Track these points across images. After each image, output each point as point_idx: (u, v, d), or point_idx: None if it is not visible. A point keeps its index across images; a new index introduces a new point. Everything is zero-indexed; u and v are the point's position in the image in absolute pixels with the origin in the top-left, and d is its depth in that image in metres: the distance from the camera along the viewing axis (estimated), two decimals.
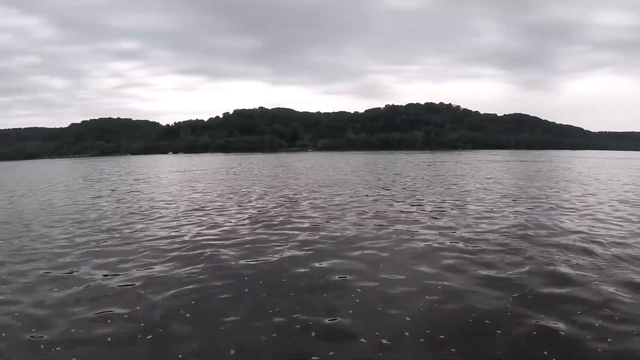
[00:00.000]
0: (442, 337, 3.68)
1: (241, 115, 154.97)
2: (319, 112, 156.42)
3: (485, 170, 27.30)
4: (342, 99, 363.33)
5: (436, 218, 9.12)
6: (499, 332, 3.74)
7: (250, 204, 12.14)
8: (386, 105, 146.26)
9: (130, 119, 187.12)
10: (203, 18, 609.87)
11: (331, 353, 3.44)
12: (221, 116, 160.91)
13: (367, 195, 13.33)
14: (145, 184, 20.69)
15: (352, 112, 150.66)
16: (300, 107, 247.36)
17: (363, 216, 9.50)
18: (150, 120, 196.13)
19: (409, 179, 19.59)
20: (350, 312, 4.21)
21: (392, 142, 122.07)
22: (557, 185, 16.32)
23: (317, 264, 5.78)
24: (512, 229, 7.73)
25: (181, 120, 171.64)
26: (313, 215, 9.83)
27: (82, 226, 9.11)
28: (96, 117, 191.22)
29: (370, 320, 4.00)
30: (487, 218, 9.00)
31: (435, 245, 6.71)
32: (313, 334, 3.79)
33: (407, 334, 3.76)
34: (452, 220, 8.73)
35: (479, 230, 7.78)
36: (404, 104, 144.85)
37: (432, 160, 43.69)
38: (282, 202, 12.32)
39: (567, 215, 9.34)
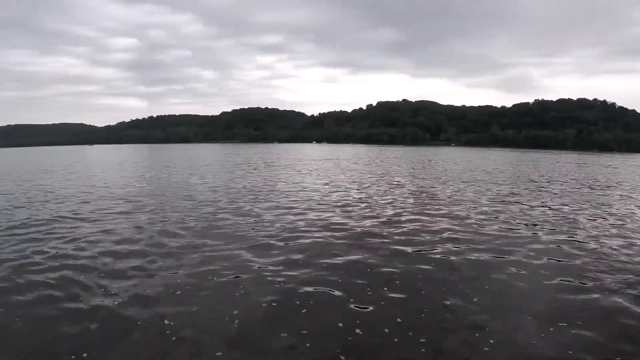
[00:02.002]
0: None
1: (384, 107, 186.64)
2: (463, 106, 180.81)
3: None
4: (488, 93, 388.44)
5: None
6: None
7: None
8: (535, 100, 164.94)
9: (277, 109, 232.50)
10: (345, 11, 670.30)
11: None
12: (364, 108, 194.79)
13: None
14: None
15: (499, 106, 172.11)
16: (443, 100, 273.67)
17: None
18: (296, 110, 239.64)
19: None
20: None
21: (540, 140, 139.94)
22: None
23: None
24: None
25: (325, 111, 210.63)
26: None
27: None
28: (245, 107, 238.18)
29: None
30: None
31: None
32: None
33: None
34: None
35: None
36: (554, 99, 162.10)
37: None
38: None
39: None
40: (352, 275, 7.04)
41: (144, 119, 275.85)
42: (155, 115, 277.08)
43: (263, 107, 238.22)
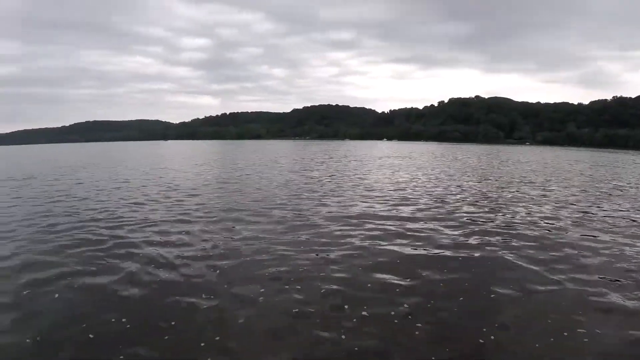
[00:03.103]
0: None
1: (456, 104, 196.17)
2: (538, 103, 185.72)
3: None
4: (564, 89, 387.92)
5: None
6: None
7: None
8: (613, 97, 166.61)
9: (347, 106, 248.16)
10: (414, 5, 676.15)
11: None
12: (436, 104, 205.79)
13: None
14: None
15: (575, 103, 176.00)
16: (517, 97, 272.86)
17: None
18: (367, 107, 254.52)
19: None
20: None
21: (618, 140, 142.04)
22: None
23: None
24: None
25: (396, 107, 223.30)
26: None
27: None
28: (316, 104, 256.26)
29: None
30: None
31: None
32: None
33: None
34: None
35: None
36: (633, 96, 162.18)
37: None
38: None
39: None
40: None
41: (217, 115, 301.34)
42: (228, 113, 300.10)
43: (333, 104, 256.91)
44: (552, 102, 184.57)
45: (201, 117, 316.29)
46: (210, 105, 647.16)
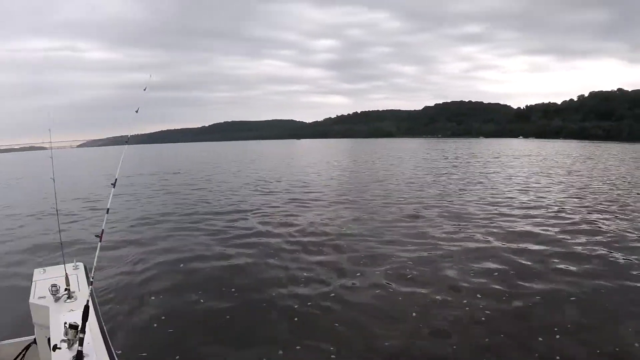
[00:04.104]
0: None
1: (597, 98, 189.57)
2: None
3: None
4: None
5: None
6: None
7: None
8: None
9: (481, 102, 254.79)
10: None
11: None
12: (575, 99, 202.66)
13: None
14: None
15: None
16: None
17: None
18: (501, 103, 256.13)
19: None
20: None
21: None
22: None
23: None
24: None
25: (532, 103, 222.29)
26: None
27: None
28: (448, 100, 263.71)
29: None
30: None
31: None
32: None
33: None
34: None
35: None
36: None
37: None
38: None
39: None
40: None
41: (349, 114, 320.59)
42: (359, 111, 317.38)
43: (466, 100, 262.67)
44: None
45: (333, 116, 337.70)
46: (341, 105, 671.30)
